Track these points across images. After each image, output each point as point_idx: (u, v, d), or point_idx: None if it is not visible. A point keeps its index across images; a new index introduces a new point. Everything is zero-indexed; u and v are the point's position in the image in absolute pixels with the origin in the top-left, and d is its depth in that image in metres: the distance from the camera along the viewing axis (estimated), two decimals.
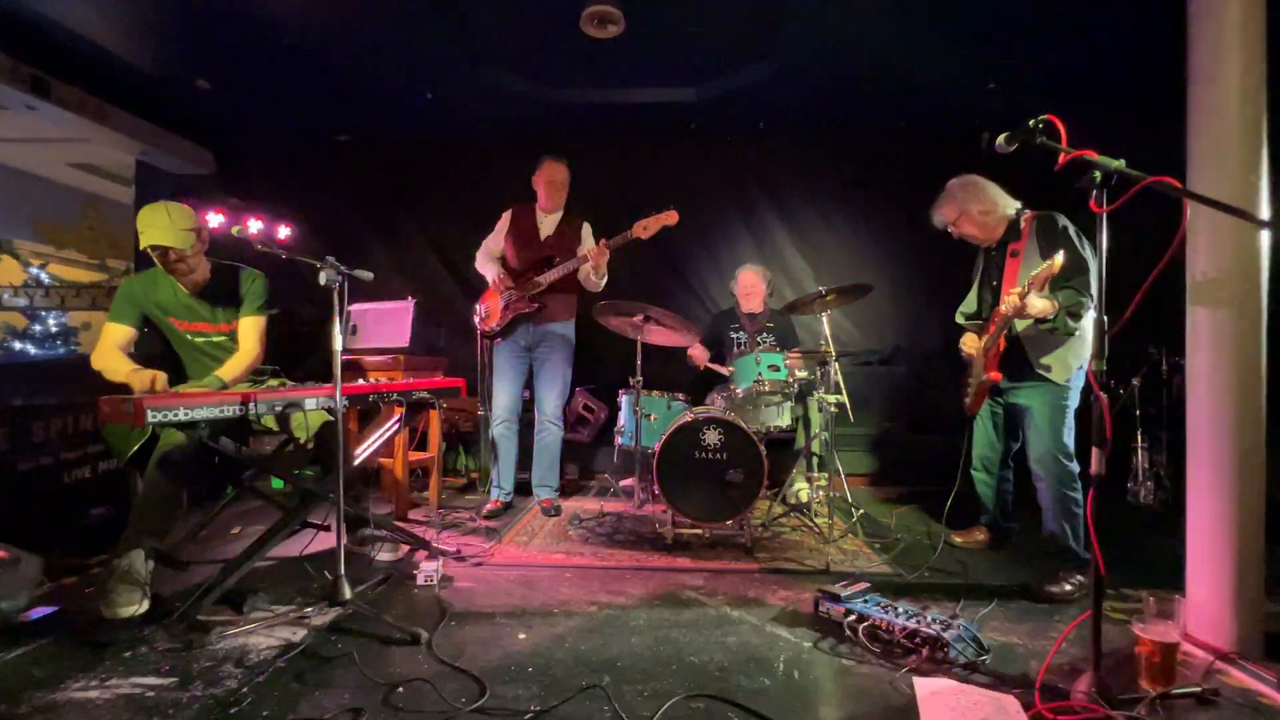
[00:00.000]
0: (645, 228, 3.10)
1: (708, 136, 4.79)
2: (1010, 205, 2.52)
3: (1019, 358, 2.43)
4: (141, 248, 2.34)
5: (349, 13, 3.32)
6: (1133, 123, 3.56)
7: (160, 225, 2.29)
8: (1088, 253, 2.31)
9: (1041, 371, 2.37)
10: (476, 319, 3.42)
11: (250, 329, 2.52)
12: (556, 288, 3.29)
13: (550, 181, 3.33)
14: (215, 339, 2.52)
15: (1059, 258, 2.03)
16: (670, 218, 3.10)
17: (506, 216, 3.46)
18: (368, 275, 2.17)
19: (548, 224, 3.39)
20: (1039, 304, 2.22)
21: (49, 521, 2.57)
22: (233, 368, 2.44)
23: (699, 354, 3.83)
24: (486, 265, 3.39)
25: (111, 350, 2.33)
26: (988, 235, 2.57)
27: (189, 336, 2.48)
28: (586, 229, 3.43)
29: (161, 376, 2.22)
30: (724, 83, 4.09)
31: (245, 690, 1.62)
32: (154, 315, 2.44)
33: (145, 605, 1.96)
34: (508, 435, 3.37)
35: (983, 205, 2.51)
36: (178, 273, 2.39)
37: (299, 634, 1.93)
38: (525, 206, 3.45)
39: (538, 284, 3.25)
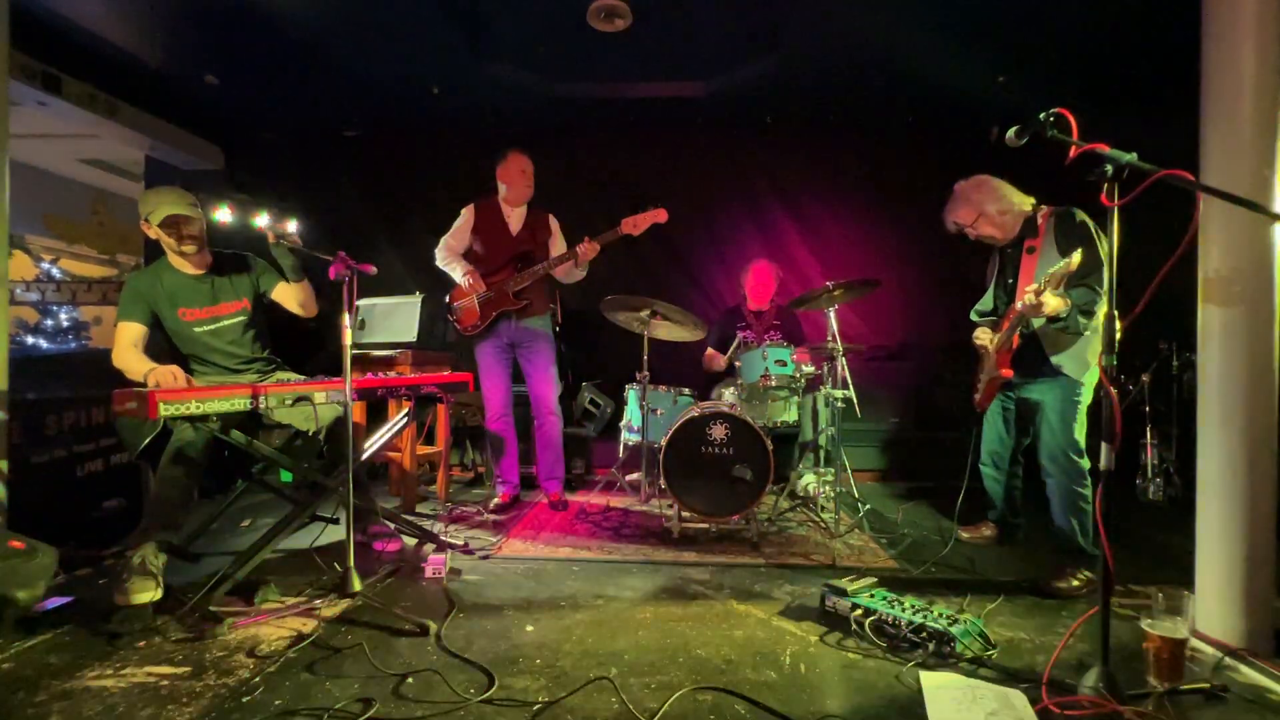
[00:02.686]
0: (635, 224, 3.07)
1: (715, 131, 4.77)
2: (1026, 201, 2.49)
3: (1035, 354, 2.40)
4: (155, 225, 2.35)
5: (356, 8, 3.33)
6: (1145, 117, 3.52)
7: (172, 198, 2.38)
8: (1105, 250, 2.29)
9: (1058, 368, 2.35)
10: (451, 317, 3.33)
11: (290, 292, 2.62)
12: (535, 282, 3.24)
13: (523, 173, 3.24)
14: (226, 322, 2.51)
15: (1076, 255, 2.00)
16: (659, 215, 3.06)
17: (468, 213, 3.32)
18: (371, 270, 2.18)
19: (515, 218, 3.31)
20: (1053, 302, 2.19)
21: (63, 513, 2.61)
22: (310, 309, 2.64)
23: (720, 364, 3.78)
24: (452, 263, 3.26)
25: (128, 349, 2.35)
26: (1006, 234, 2.52)
27: (197, 329, 2.46)
28: (554, 221, 3.38)
29: (179, 372, 2.23)
30: (732, 76, 4.08)
31: (257, 680, 1.64)
32: (162, 310, 2.44)
33: (159, 595, 1.99)
34: (506, 429, 3.36)
35: (999, 205, 2.47)
36: (197, 244, 2.43)
37: (309, 625, 1.95)
38: (488, 202, 3.33)
39: (522, 279, 3.18)
